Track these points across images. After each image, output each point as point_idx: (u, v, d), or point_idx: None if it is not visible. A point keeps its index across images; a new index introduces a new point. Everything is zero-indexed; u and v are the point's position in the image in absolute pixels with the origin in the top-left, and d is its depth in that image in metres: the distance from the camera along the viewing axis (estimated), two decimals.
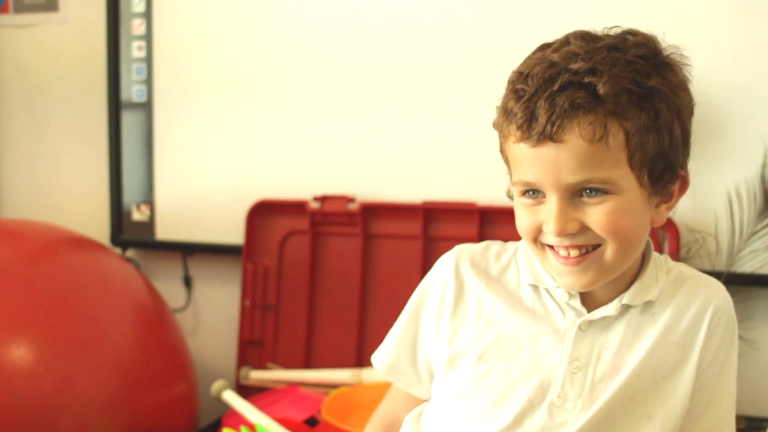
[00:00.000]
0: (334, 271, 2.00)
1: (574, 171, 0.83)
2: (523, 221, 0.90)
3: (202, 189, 2.12)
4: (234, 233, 2.08)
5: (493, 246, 1.01)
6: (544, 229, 0.87)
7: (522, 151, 0.86)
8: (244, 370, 2.00)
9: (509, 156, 0.90)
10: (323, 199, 1.99)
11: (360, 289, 1.94)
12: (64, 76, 2.29)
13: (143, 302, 1.82)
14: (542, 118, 0.83)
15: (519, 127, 0.85)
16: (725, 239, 1.73)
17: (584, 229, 0.86)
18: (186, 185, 2.14)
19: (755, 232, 1.71)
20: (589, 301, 0.93)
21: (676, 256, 1.72)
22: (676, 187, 0.91)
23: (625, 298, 0.92)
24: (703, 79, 1.73)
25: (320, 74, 2.00)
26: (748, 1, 1.70)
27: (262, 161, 2.07)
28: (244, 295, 2.05)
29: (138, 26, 2.14)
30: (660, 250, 1.72)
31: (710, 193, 1.74)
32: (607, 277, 0.90)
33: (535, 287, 0.96)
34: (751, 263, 1.73)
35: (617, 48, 0.86)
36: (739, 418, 1.73)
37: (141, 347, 1.70)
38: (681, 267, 0.97)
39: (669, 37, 1.76)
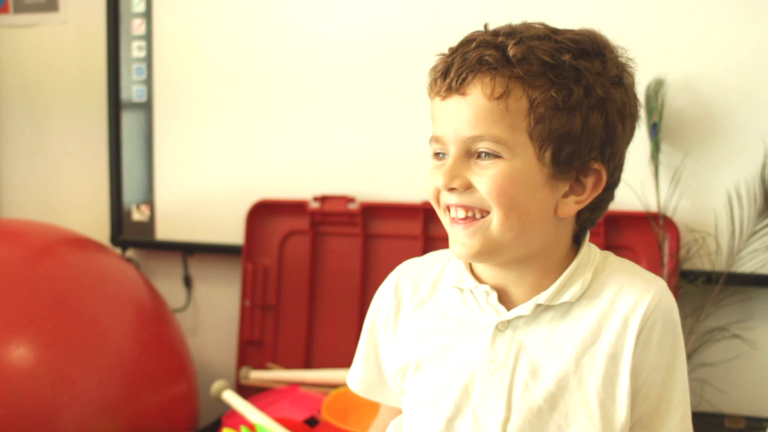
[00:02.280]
0: (334, 271, 2.00)
1: (471, 125, 0.84)
2: (428, 182, 0.90)
3: (202, 189, 2.12)
4: (234, 233, 2.08)
5: (433, 255, 1.02)
6: (437, 184, 0.88)
7: (435, 105, 0.89)
8: (244, 370, 2.00)
9: (431, 114, 0.91)
10: (323, 199, 1.99)
11: (360, 289, 1.94)
12: (64, 76, 2.29)
13: (143, 302, 1.82)
14: (453, 71, 0.85)
15: (435, 81, 0.88)
16: (725, 239, 1.73)
17: (471, 188, 0.86)
18: (186, 185, 2.14)
19: (755, 232, 1.71)
20: (508, 300, 0.92)
21: (676, 256, 1.72)
22: (589, 180, 0.88)
23: (541, 298, 0.89)
24: (704, 79, 1.74)
25: (320, 74, 2.00)
26: (749, 3, 1.70)
27: (262, 161, 2.07)
28: (244, 295, 2.05)
29: (138, 26, 2.14)
30: (660, 250, 1.72)
31: (710, 193, 1.74)
32: (496, 251, 0.87)
33: (461, 290, 0.95)
34: (751, 263, 1.73)
35: (555, 31, 0.88)
36: (739, 418, 1.74)
37: (141, 347, 1.70)
38: (618, 265, 0.93)
39: (669, 37, 1.76)
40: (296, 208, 2.01)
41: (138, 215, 2.20)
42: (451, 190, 0.87)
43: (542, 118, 0.83)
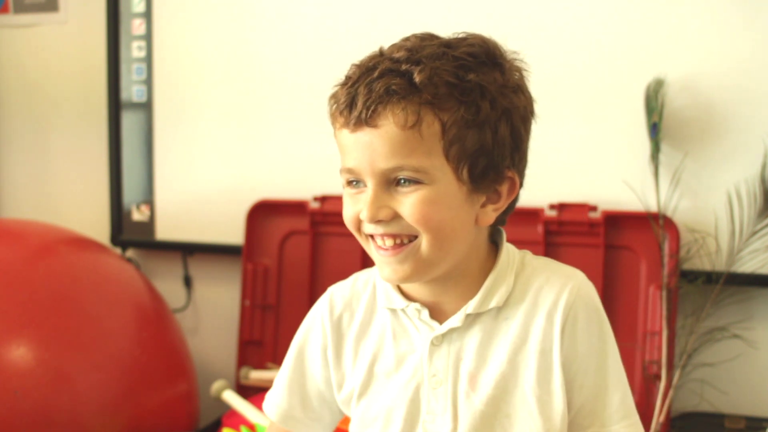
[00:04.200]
0: (334, 271, 1.99)
1: (387, 157, 0.84)
2: (346, 210, 0.91)
3: (202, 189, 2.12)
4: (234, 233, 2.08)
5: (359, 278, 1.02)
6: (361, 216, 0.88)
7: (344, 137, 0.88)
8: (244, 370, 2.00)
9: (338, 144, 0.91)
10: (323, 199, 1.99)
11: None
12: (64, 76, 2.29)
13: (143, 302, 1.82)
14: (360, 103, 0.84)
15: (341, 113, 0.87)
16: (725, 239, 1.73)
17: (397, 217, 0.86)
18: (186, 185, 2.14)
19: (755, 232, 1.71)
20: (440, 314, 0.93)
21: (676, 256, 1.72)
22: (504, 188, 0.90)
23: (470, 308, 0.91)
24: (704, 79, 1.74)
25: (320, 74, 2.00)
26: (749, 3, 1.70)
27: (262, 161, 2.07)
28: (244, 295, 2.05)
29: (138, 26, 2.14)
30: (660, 250, 1.73)
31: (710, 193, 1.74)
32: (427, 271, 0.88)
33: (393, 310, 0.95)
34: (751, 263, 1.73)
35: (449, 45, 0.87)
36: (739, 418, 1.74)
37: (141, 347, 1.70)
38: (536, 263, 0.94)
39: (669, 37, 1.77)
40: (296, 208, 2.01)
41: (138, 215, 2.20)
42: (377, 222, 0.87)
43: (456, 138, 0.84)
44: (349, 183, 0.90)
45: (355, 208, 0.89)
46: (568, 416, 0.91)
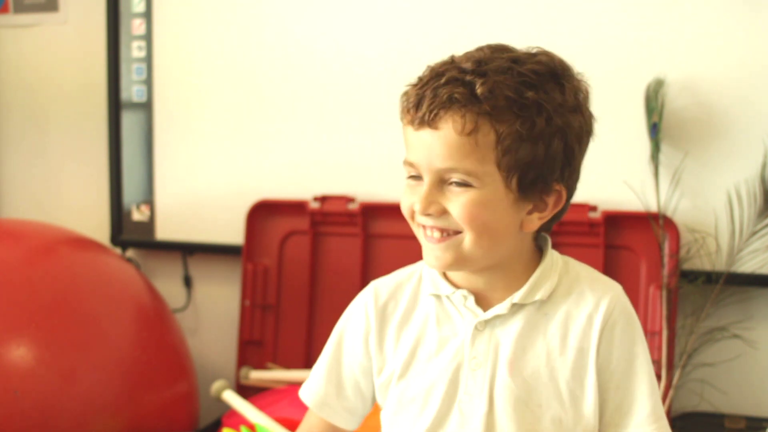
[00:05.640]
0: (334, 271, 2.00)
1: (443, 158, 0.91)
2: (403, 200, 0.98)
3: (202, 189, 2.12)
4: (234, 233, 2.08)
5: (403, 271, 1.08)
6: (414, 208, 0.95)
7: (409, 133, 0.95)
8: (244, 370, 2.00)
9: (404, 138, 0.98)
10: (323, 199, 1.99)
11: (360, 289, 1.92)
12: (64, 76, 2.29)
13: (143, 302, 1.82)
14: (425, 105, 0.91)
15: (408, 111, 0.94)
16: (725, 239, 1.73)
17: (446, 213, 0.93)
18: (186, 185, 2.14)
19: (755, 232, 1.71)
20: (484, 302, 0.99)
21: (676, 256, 1.72)
22: (551, 199, 0.96)
23: (516, 298, 0.97)
24: (704, 79, 1.74)
25: (320, 74, 2.00)
26: (749, 3, 1.70)
27: (262, 161, 2.07)
28: (244, 295, 2.05)
29: (138, 26, 2.14)
30: (660, 250, 1.73)
31: (710, 193, 1.74)
32: (466, 264, 0.96)
33: (438, 296, 1.02)
34: (751, 263, 1.73)
35: (517, 60, 0.93)
36: (739, 418, 1.74)
37: (141, 347, 1.70)
38: (580, 269, 1.02)
39: (669, 37, 1.77)
40: (296, 208, 2.01)
41: (138, 215, 2.20)
42: (427, 215, 0.94)
43: (509, 149, 0.90)
44: (410, 176, 0.97)
45: (412, 199, 0.96)
46: (602, 416, 0.97)
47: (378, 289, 1.08)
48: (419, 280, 1.05)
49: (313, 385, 1.09)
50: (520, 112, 0.90)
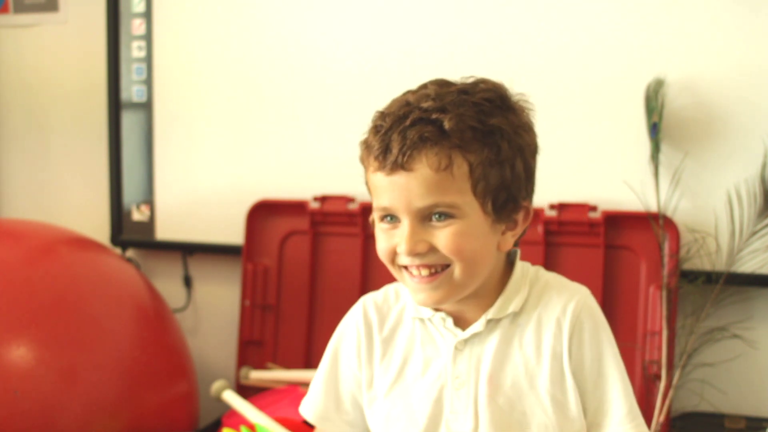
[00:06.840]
0: (334, 271, 2.00)
1: (423, 196, 0.93)
2: (381, 244, 0.99)
3: (202, 189, 2.12)
4: (234, 233, 2.08)
5: (391, 289, 1.11)
6: (398, 250, 0.97)
7: (379, 179, 0.96)
8: (244, 370, 2.00)
9: (370, 185, 0.99)
10: (323, 199, 1.99)
11: (360, 289, 1.94)
12: (64, 76, 2.29)
13: (143, 302, 1.82)
14: (395, 149, 0.93)
15: (376, 158, 0.96)
16: (725, 239, 1.73)
17: (433, 249, 0.95)
18: (186, 185, 2.14)
19: (755, 232, 1.71)
20: (463, 322, 1.02)
21: (676, 256, 1.72)
22: (520, 216, 1.01)
23: (490, 314, 1.01)
24: (704, 79, 1.74)
25: (320, 74, 2.00)
26: (749, 3, 1.70)
27: (262, 161, 2.07)
28: (244, 295, 2.05)
29: (138, 26, 2.14)
30: (660, 250, 1.73)
31: (710, 193, 1.74)
32: (457, 294, 0.98)
33: (422, 319, 1.05)
34: (751, 263, 1.73)
35: (466, 92, 0.96)
36: (739, 418, 1.74)
37: (141, 347, 1.70)
38: (548, 277, 1.05)
39: (669, 37, 1.77)
40: (296, 208, 2.01)
41: (138, 215, 2.20)
42: (415, 254, 0.96)
43: (481, 176, 0.94)
44: (383, 219, 0.98)
45: (391, 241, 0.98)
46: (585, 417, 1.00)
47: (367, 305, 1.11)
48: (405, 301, 1.07)
49: (313, 400, 1.12)
50: (485, 139, 0.94)
